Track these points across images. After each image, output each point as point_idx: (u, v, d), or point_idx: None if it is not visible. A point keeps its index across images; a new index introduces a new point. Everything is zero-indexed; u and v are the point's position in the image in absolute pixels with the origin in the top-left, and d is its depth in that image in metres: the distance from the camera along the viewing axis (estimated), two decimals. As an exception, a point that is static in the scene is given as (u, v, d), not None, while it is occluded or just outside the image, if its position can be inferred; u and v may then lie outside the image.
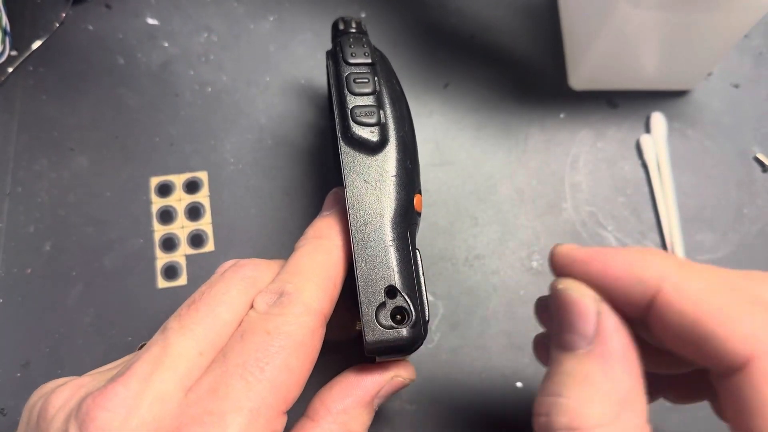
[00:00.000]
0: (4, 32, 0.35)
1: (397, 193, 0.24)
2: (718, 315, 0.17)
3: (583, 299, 0.19)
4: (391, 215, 0.23)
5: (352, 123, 0.24)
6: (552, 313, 0.20)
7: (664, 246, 0.34)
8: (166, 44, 0.37)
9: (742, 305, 0.17)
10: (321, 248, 0.23)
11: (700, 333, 0.17)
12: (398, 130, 0.25)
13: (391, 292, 0.23)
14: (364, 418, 0.23)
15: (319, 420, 0.22)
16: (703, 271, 0.18)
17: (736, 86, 0.38)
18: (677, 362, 0.21)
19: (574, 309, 0.19)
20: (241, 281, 0.22)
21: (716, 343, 0.17)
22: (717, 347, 0.17)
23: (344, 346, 0.27)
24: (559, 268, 0.21)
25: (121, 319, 0.31)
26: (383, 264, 0.23)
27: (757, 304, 0.17)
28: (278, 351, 0.20)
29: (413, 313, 0.22)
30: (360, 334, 0.22)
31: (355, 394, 0.23)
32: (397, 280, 0.23)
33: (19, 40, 0.36)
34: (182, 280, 0.32)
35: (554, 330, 0.19)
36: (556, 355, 0.19)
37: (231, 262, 0.24)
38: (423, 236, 0.33)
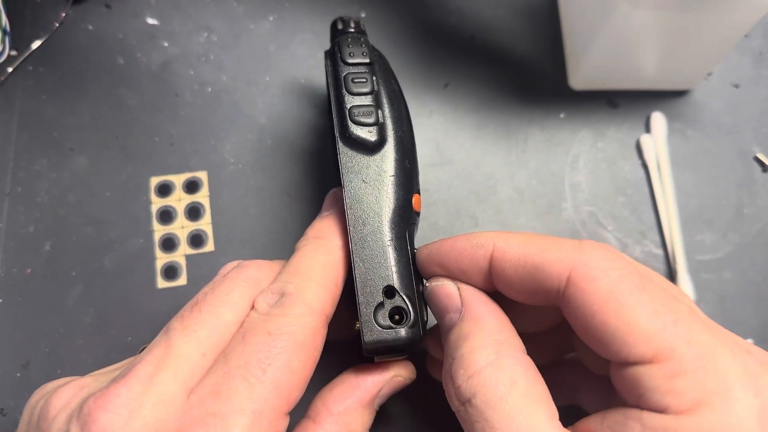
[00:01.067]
0: (4, 32, 0.35)
1: (396, 193, 0.24)
2: (539, 247, 0.20)
3: (445, 284, 0.23)
4: (389, 215, 0.23)
5: (350, 123, 0.24)
6: (432, 310, 0.23)
7: (664, 246, 0.34)
8: (166, 44, 0.37)
9: (555, 240, 0.21)
10: (321, 248, 0.23)
11: (530, 266, 0.21)
12: (396, 129, 0.25)
13: (389, 292, 0.23)
14: (365, 418, 0.23)
15: (321, 421, 0.22)
16: (522, 232, 0.23)
17: (736, 86, 0.38)
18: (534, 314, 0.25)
19: (441, 293, 0.22)
20: (244, 282, 0.22)
21: (542, 270, 0.20)
22: (544, 273, 0.20)
23: (344, 346, 0.27)
24: (425, 265, 0.24)
25: (121, 319, 0.31)
26: (381, 264, 0.23)
27: (567, 239, 0.21)
28: (280, 352, 0.20)
29: (411, 313, 0.22)
30: (359, 334, 0.22)
31: (356, 394, 0.23)
32: (395, 280, 0.23)
33: (18, 40, 0.36)
34: (182, 280, 0.32)
35: (440, 325, 0.23)
36: (445, 337, 0.22)
37: (234, 263, 0.24)
38: (423, 236, 0.33)
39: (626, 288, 0.19)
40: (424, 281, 0.24)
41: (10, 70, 0.35)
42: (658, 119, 0.36)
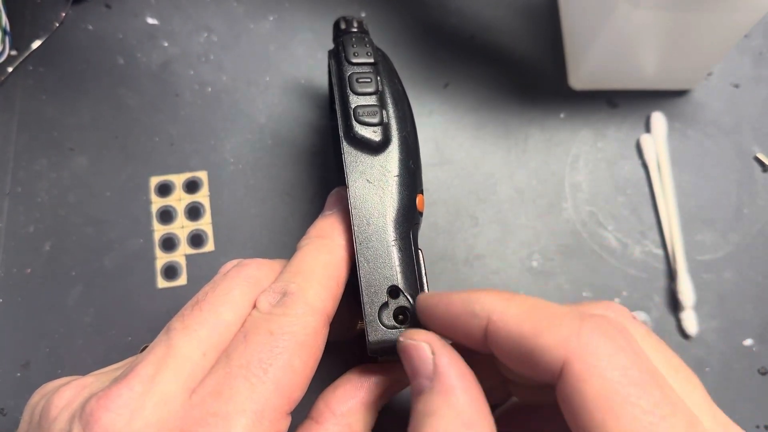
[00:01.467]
0: (4, 32, 0.35)
1: (400, 192, 0.24)
2: (535, 328, 0.19)
3: (419, 344, 0.21)
4: (393, 215, 0.23)
5: (354, 122, 0.24)
6: (404, 365, 0.21)
7: (664, 246, 0.34)
8: (166, 44, 0.37)
9: (555, 318, 0.19)
10: (324, 248, 0.23)
11: (525, 348, 0.19)
12: (401, 129, 0.25)
13: (393, 292, 0.23)
14: (368, 419, 0.23)
15: (324, 422, 0.22)
16: (524, 299, 0.20)
17: (736, 86, 0.38)
18: (528, 387, 0.23)
19: (413, 354, 0.21)
20: (244, 281, 0.22)
21: (537, 355, 0.18)
22: (538, 358, 0.18)
23: (345, 346, 0.27)
24: (422, 317, 0.22)
25: (121, 319, 0.31)
26: (386, 264, 0.23)
27: (568, 315, 0.19)
28: (281, 351, 0.20)
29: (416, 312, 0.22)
30: (362, 334, 0.22)
31: (359, 395, 0.23)
32: (399, 280, 0.23)
33: (18, 40, 0.36)
34: (182, 280, 0.32)
35: (410, 383, 0.21)
36: (412, 401, 0.20)
37: (234, 261, 0.24)
38: (423, 236, 0.33)
39: (621, 397, 0.17)
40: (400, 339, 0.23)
41: (10, 69, 0.35)
42: (658, 119, 0.36)
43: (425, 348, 0.21)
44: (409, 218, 0.24)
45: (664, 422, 0.17)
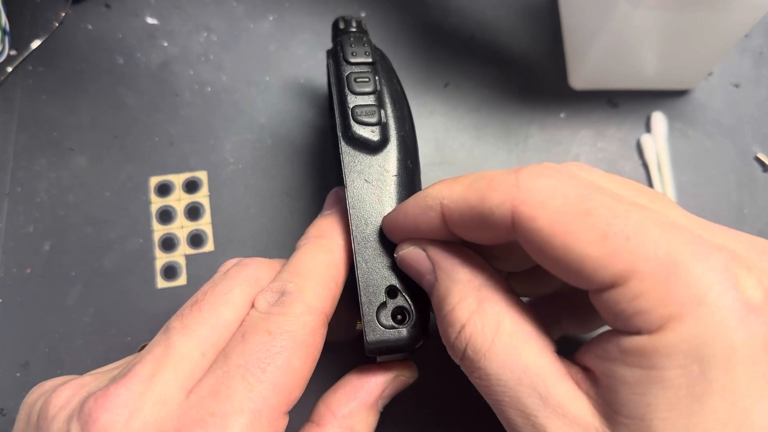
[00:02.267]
0: (4, 32, 0.35)
1: (398, 192, 0.24)
2: (479, 195, 0.19)
3: (410, 250, 0.22)
4: None
5: (352, 122, 0.24)
6: (412, 278, 0.23)
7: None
8: (166, 44, 0.37)
9: (493, 180, 0.19)
10: (322, 247, 0.23)
11: (477, 217, 0.20)
12: (399, 129, 0.25)
13: (392, 291, 0.23)
14: (369, 420, 0.23)
15: (325, 425, 0.22)
16: (465, 177, 0.21)
17: (737, 86, 0.38)
18: (546, 284, 0.25)
19: (411, 261, 0.22)
20: (244, 281, 0.22)
21: (488, 219, 0.19)
22: (490, 221, 0.19)
23: (344, 347, 0.27)
24: (391, 235, 0.23)
25: (121, 319, 0.31)
26: (384, 264, 0.23)
27: (504, 173, 0.19)
28: (280, 351, 0.20)
29: (414, 312, 0.22)
30: (360, 334, 0.22)
31: (360, 396, 0.23)
32: (397, 280, 0.23)
33: (18, 40, 0.36)
34: (182, 280, 0.32)
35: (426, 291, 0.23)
36: (431, 301, 0.22)
37: (234, 260, 0.24)
38: (423, 236, 0.33)
39: (568, 218, 0.17)
40: (395, 255, 0.23)
41: (9, 69, 0.35)
42: (658, 119, 0.36)
43: (415, 250, 0.22)
44: None
45: (617, 223, 0.17)
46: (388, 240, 0.23)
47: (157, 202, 0.34)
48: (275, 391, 0.19)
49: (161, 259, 0.33)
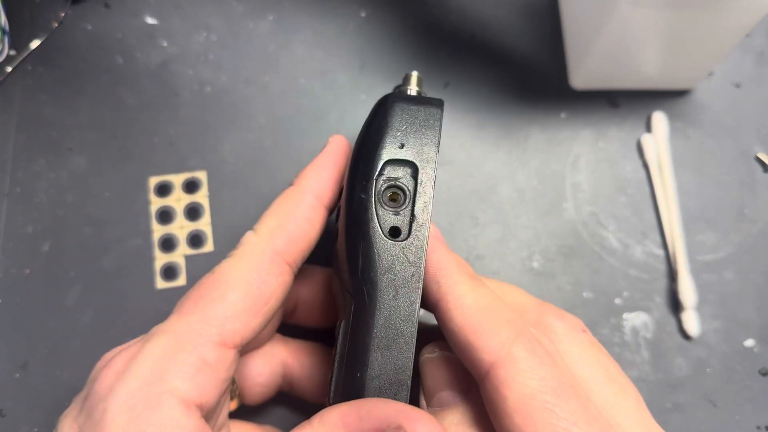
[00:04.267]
0: (3, 31, 0.35)
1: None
2: (477, 329, 0.20)
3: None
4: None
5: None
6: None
7: (665, 246, 0.34)
8: (165, 44, 0.37)
9: (496, 325, 0.20)
10: (292, 196, 0.24)
11: (463, 340, 0.20)
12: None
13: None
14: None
15: None
16: (484, 293, 0.21)
17: (738, 86, 0.38)
18: None
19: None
20: None
21: (470, 351, 0.20)
22: (471, 354, 0.20)
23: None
24: None
25: (120, 320, 0.31)
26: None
27: (508, 326, 0.20)
28: (216, 286, 0.22)
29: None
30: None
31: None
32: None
33: (17, 40, 0.36)
34: (181, 281, 0.32)
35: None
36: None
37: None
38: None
39: (538, 403, 0.18)
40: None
41: (9, 69, 0.35)
42: (659, 119, 0.36)
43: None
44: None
45: (578, 429, 0.18)
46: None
47: (156, 203, 0.34)
48: (202, 321, 0.20)
49: (161, 259, 0.33)
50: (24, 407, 0.30)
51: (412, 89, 0.25)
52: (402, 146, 0.22)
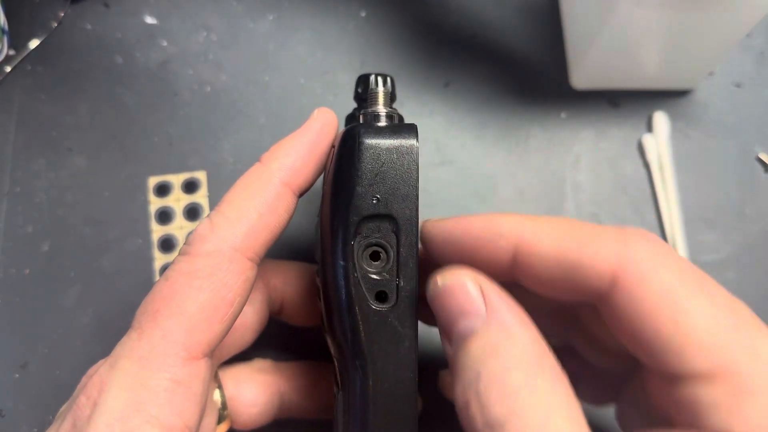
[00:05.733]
0: (2, 31, 0.35)
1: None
2: (579, 244, 0.18)
3: (465, 282, 0.18)
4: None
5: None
6: (439, 310, 0.19)
7: (666, 246, 0.34)
8: (165, 43, 0.37)
9: (596, 233, 0.18)
10: (258, 176, 0.21)
11: (566, 266, 0.18)
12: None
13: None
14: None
15: None
16: (551, 219, 0.19)
17: (738, 86, 0.38)
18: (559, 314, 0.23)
19: (458, 293, 0.18)
20: None
21: (582, 270, 0.18)
22: (583, 274, 0.18)
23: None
24: (433, 246, 0.20)
25: (120, 320, 0.31)
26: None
27: (608, 230, 0.18)
28: (171, 296, 0.19)
29: None
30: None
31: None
32: None
33: (17, 40, 0.36)
34: (181, 281, 0.32)
35: (447, 329, 0.19)
36: (458, 348, 0.18)
37: None
38: (423, 236, 0.33)
39: (684, 291, 0.16)
40: (432, 278, 0.19)
41: (8, 69, 0.35)
42: (660, 119, 0.36)
43: (471, 284, 0.18)
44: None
45: (727, 313, 0.17)
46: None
47: (156, 203, 0.34)
48: (165, 338, 0.19)
49: (160, 260, 0.32)
50: (24, 407, 0.30)
51: (380, 113, 0.21)
52: (377, 201, 0.19)
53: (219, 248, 0.20)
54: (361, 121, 0.21)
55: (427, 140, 0.35)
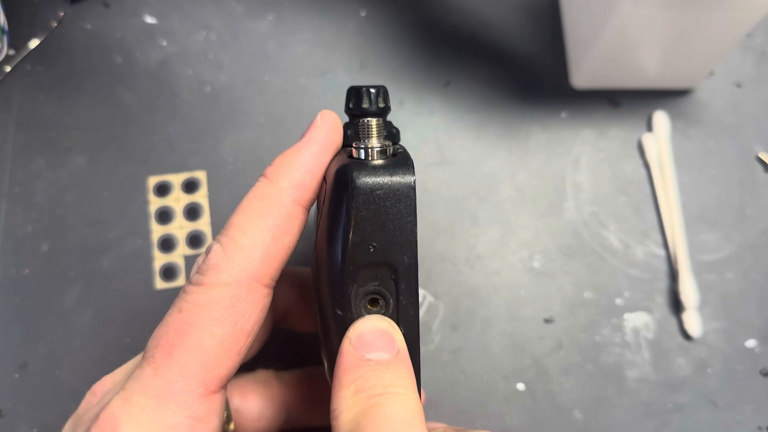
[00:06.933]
0: (2, 31, 0.35)
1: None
2: None
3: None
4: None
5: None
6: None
7: (666, 246, 0.34)
8: (165, 43, 0.37)
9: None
10: (264, 194, 0.20)
11: None
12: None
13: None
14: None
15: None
16: None
17: (739, 85, 0.38)
18: None
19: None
20: None
21: None
22: None
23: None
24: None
25: (119, 320, 0.31)
26: None
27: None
28: (187, 330, 0.19)
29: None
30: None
31: None
32: None
33: (17, 39, 0.36)
34: (181, 281, 0.32)
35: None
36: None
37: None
38: (423, 236, 0.33)
39: None
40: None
41: (8, 69, 0.35)
42: (660, 118, 0.36)
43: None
44: None
45: None
46: None
47: (155, 202, 0.33)
48: (182, 374, 0.18)
49: (160, 259, 0.32)
50: (23, 407, 0.30)
51: (373, 148, 0.19)
52: (374, 249, 0.18)
53: (236, 279, 0.19)
54: (354, 155, 0.20)
55: (428, 140, 0.35)
